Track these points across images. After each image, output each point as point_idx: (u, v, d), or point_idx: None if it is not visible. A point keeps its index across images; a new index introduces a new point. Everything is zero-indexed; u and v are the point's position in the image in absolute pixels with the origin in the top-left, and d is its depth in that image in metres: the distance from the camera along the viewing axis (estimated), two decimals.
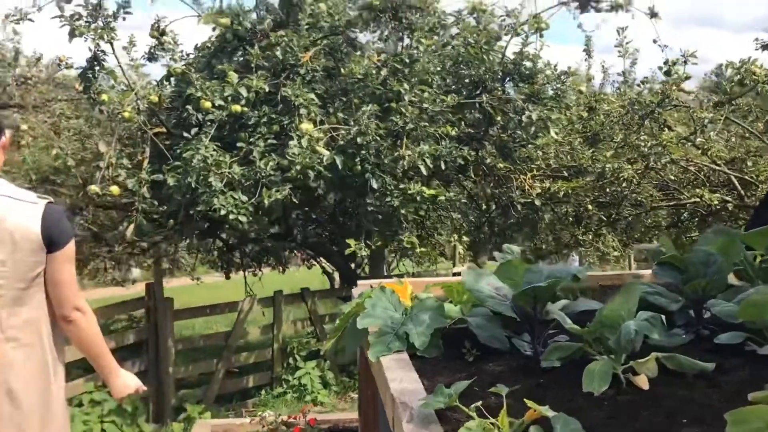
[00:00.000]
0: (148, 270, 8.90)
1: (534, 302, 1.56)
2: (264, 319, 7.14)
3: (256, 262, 8.48)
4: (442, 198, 5.64)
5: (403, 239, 5.49)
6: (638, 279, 2.11)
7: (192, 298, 12.67)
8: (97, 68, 5.10)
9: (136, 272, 10.36)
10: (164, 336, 5.93)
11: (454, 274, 10.60)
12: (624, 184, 6.27)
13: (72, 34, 4.81)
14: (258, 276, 8.27)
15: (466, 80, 6.05)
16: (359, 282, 2.65)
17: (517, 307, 1.61)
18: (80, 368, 5.64)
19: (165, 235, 5.83)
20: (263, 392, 6.54)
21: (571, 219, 7.27)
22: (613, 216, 7.00)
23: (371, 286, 2.70)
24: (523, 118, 5.54)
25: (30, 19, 5.69)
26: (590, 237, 7.47)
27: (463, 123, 5.92)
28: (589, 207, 6.72)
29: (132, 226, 5.21)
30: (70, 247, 2.25)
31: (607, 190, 6.58)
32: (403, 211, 5.22)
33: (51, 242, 2.19)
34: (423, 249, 6.50)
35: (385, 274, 7.61)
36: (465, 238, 8.78)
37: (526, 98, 5.69)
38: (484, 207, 7.74)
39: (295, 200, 4.87)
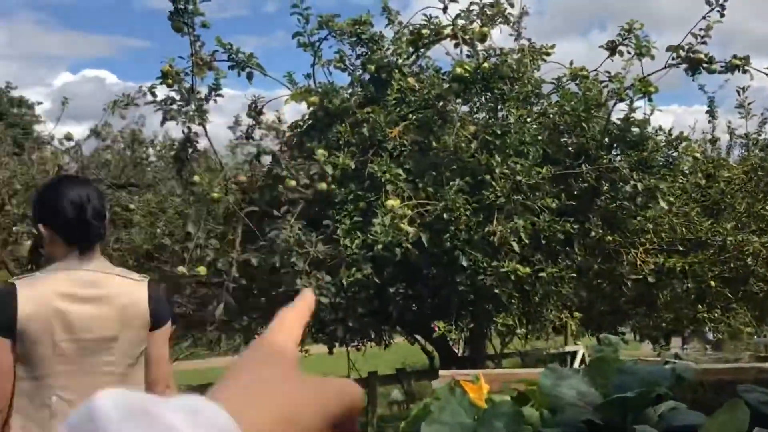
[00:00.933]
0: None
1: (624, 412, 1.29)
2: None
3: (358, 337, 8.32)
4: (544, 274, 5.28)
5: (498, 320, 5.12)
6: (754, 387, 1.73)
7: (301, 368, 12.68)
8: (190, 150, 5.21)
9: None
10: None
11: (566, 354, 9.98)
12: (749, 259, 5.63)
13: (165, 119, 4.94)
14: (362, 351, 8.10)
15: (568, 149, 5.74)
16: (441, 372, 2.46)
17: (605, 419, 1.33)
18: None
19: (257, 315, 5.77)
20: None
21: (692, 296, 6.62)
22: (740, 293, 6.31)
23: (453, 378, 2.44)
24: (628, 188, 5.13)
25: (136, 104, 5.97)
26: (717, 314, 6.78)
27: (564, 194, 5.57)
28: (712, 283, 6.08)
29: (222, 306, 5.18)
30: (169, 326, 2.36)
31: (731, 264, 5.94)
32: (496, 291, 4.90)
33: (155, 320, 2.27)
34: (524, 329, 6.07)
35: (490, 353, 7.21)
36: (577, 314, 8.25)
37: (633, 167, 5.28)
38: (594, 283, 7.23)
39: (377, 280, 4.67)
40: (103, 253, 2.33)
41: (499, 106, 5.41)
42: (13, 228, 8.32)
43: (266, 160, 5.71)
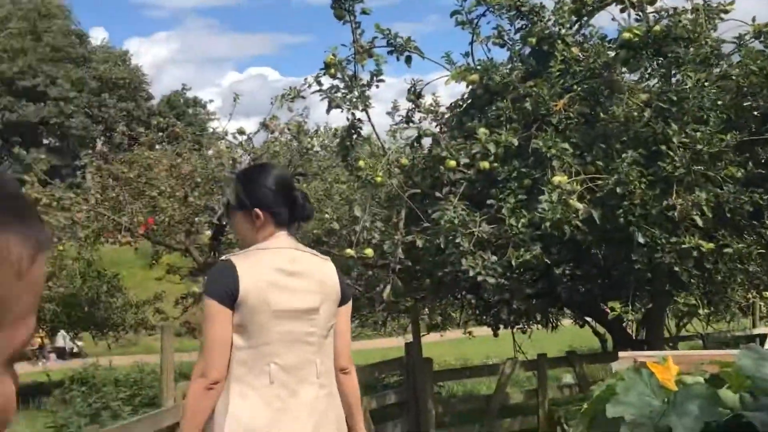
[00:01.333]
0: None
1: None
2: (527, 382, 6.76)
3: (523, 319, 8.17)
4: (729, 250, 4.87)
5: (679, 300, 4.79)
6: None
7: (462, 351, 12.70)
8: (354, 136, 5.32)
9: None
10: (423, 398, 5.86)
11: (754, 337, 9.18)
12: None
13: (330, 107, 5.07)
14: (528, 333, 7.94)
15: (753, 114, 5.23)
16: (621, 354, 2.35)
17: None
18: None
19: (422, 295, 5.81)
20: None
21: None
22: None
23: (634, 361, 2.31)
24: None
25: (302, 96, 6.18)
26: None
27: (750, 163, 5.09)
28: None
29: (389, 287, 5.27)
30: (350, 302, 2.49)
31: None
32: (677, 269, 4.57)
33: (344, 296, 2.39)
34: (707, 310, 5.64)
35: (668, 335, 6.79)
36: (766, 294, 7.58)
37: None
38: None
39: (547, 260, 4.52)
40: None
41: (673, 71, 5.02)
42: (195, 219, 8.98)
43: (426, 143, 5.73)
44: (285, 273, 2.29)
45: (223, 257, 2.42)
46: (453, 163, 4.70)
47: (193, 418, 2.22)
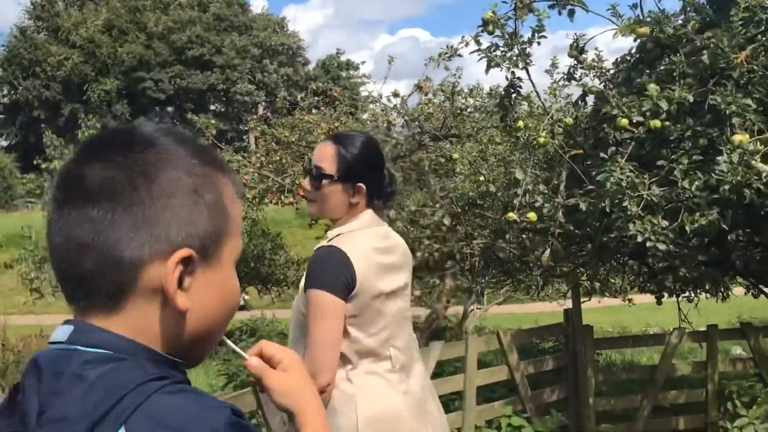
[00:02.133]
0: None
1: None
2: (694, 354, 6.39)
3: (690, 287, 7.70)
4: None
5: None
6: None
7: (620, 318, 12.22)
8: (513, 96, 5.18)
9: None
10: (583, 365, 5.70)
11: None
12: None
13: (489, 66, 4.96)
14: (694, 302, 7.50)
15: None
16: None
17: None
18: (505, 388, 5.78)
19: (583, 260, 5.62)
20: None
21: None
22: None
23: None
24: None
25: (459, 55, 6.11)
26: None
27: None
28: None
29: (548, 251, 5.15)
30: None
31: None
32: None
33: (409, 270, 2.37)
34: None
35: None
36: None
37: None
38: None
39: (724, 226, 4.19)
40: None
41: None
42: None
43: (590, 101, 5.46)
44: (383, 252, 2.21)
45: (323, 244, 2.21)
46: (625, 121, 4.44)
47: None
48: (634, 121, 4.45)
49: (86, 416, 0.73)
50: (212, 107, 43.06)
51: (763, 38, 4.68)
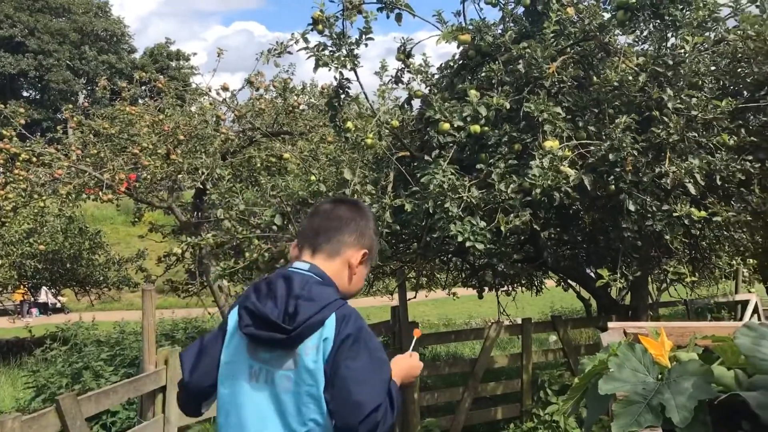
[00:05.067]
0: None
1: None
2: (509, 344, 6.77)
3: (508, 282, 8.18)
4: (718, 219, 4.84)
5: (668, 269, 4.77)
6: None
7: (445, 310, 12.75)
8: (342, 96, 5.18)
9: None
10: None
11: (736, 303, 9.26)
12: None
13: (317, 65, 4.91)
14: (512, 296, 7.97)
15: (747, 80, 5.16)
16: (610, 325, 2.30)
17: None
18: None
19: (410, 258, 5.75)
20: (512, 426, 6.17)
21: None
22: None
23: (624, 332, 2.27)
24: None
25: (289, 52, 6.00)
26: None
27: (743, 130, 5.03)
28: None
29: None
30: None
31: None
32: (667, 237, 4.54)
33: None
34: (694, 278, 5.64)
35: (651, 301, 6.80)
36: (750, 261, 7.61)
37: None
38: None
39: (536, 226, 4.45)
40: None
41: (669, 34, 4.91)
42: (178, 176, 8.82)
43: (416, 104, 5.60)
44: None
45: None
46: (447, 125, 4.58)
47: None
48: (456, 125, 4.60)
49: (324, 299, 1.85)
50: (26, 94, 39.66)
51: (572, 51, 5.03)
